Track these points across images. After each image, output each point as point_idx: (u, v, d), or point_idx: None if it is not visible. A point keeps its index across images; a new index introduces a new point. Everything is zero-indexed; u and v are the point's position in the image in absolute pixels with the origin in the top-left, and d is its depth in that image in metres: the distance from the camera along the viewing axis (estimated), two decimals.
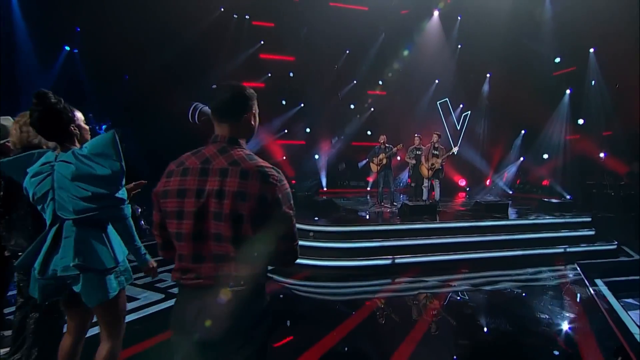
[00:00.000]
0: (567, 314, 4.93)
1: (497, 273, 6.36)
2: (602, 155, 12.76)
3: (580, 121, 13.86)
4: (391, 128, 17.04)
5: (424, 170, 9.39)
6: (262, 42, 15.78)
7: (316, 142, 16.76)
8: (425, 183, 9.53)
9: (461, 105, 16.49)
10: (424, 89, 17.03)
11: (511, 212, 8.54)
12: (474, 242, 6.87)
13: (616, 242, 7.40)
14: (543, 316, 4.82)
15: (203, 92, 14.73)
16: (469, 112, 15.99)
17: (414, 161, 9.75)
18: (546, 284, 6.02)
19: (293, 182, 15.69)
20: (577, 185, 12.94)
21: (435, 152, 9.33)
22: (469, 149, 15.56)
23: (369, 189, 16.40)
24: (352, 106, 17.44)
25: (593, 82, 13.24)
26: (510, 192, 14.35)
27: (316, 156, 16.66)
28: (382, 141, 9.82)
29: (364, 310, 4.95)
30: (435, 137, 9.42)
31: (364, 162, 17.54)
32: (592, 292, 5.54)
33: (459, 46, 16.11)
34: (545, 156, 15.02)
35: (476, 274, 6.32)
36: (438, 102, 16.48)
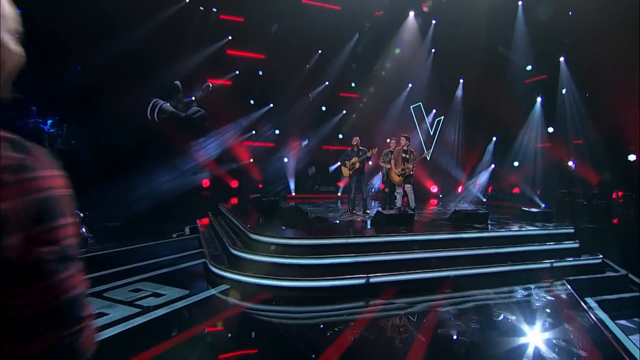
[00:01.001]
0: (570, 343, 4.11)
1: (484, 293, 5.50)
2: (570, 163, 12.34)
3: (550, 129, 13.47)
4: (364, 131, 16.26)
5: (394, 176, 8.53)
6: (230, 38, 14.59)
7: (285, 144, 15.69)
8: (399, 189, 8.67)
9: (434, 110, 15.87)
10: (397, 93, 16.32)
11: (491, 221, 7.77)
12: (456, 256, 5.99)
13: (601, 256, 6.73)
14: (544, 345, 3.99)
15: (164, 88, 13.43)
16: (443, 117, 15.37)
17: (388, 165, 8.86)
18: (539, 305, 5.20)
19: (260, 185, 14.57)
20: (550, 194, 12.52)
21: (406, 156, 8.49)
22: (441, 155, 14.96)
23: (339, 194, 15.47)
24: (323, 108, 16.49)
25: (564, 90, 12.85)
26: (484, 200, 13.77)
27: (285, 159, 15.59)
28: (355, 143, 8.89)
29: (333, 338, 3.94)
30: (404, 141, 8.58)
31: (335, 166, 16.64)
32: (592, 317, 4.77)
33: (433, 50, 15.51)
34: (516, 164, 14.60)
35: (461, 294, 5.43)
36: (412, 107, 15.79)
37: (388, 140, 9.16)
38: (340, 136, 16.97)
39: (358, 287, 5.20)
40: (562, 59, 12.91)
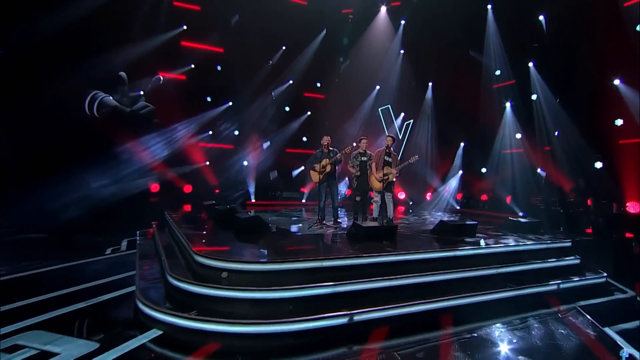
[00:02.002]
0: None
1: (492, 326, 4.31)
2: (539, 171, 11.69)
3: (518, 135, 12.84)
4: (329, 134, 14.98)
5: (375, 182, 7.27)
6: (185, 28, 12.87)
7: (245, 146, 14.11)
8: (376, 197, 7.42)
9: (402, 114, 14.91)
10: (365, 94, 15.23)
11: (479, 234, 6.68)
12: (455, 280, 4.79)
13: (605, 274, 5.80)
14: None
15: (106, 79, 11.47)
16: (412, 120, 14.42)
17: (357, 171, 7.59)
18: (564, 344, 4.07)
19: (216, 191, 12.89)
20: (520, 201, 11.84)
21: (388, 159, 7.27)
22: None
23: (304, 201, 14.08)
24: (287, 108, 15.08)
25: (534, 96, 12.25)
26: (458, 208, 12.88)
27: (244, 162, 14.01)
28: (325, 143, 7.56)
29: None
30: (389, 141, 7.38)
31: (299, 170, 15.28)
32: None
33: (402, 51, 14.57)
34: (484, 170, 13.90)
35: (467, 329, 4.21)
36: (380, 109, 14.74)
37: (354, 144, 7.87)
38: (304, 139, 15.62)
39: (338, 329, 3.83)
40: (531, 64, 12.31)
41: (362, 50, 14.31)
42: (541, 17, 11.76)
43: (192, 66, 13.27)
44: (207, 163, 13.40)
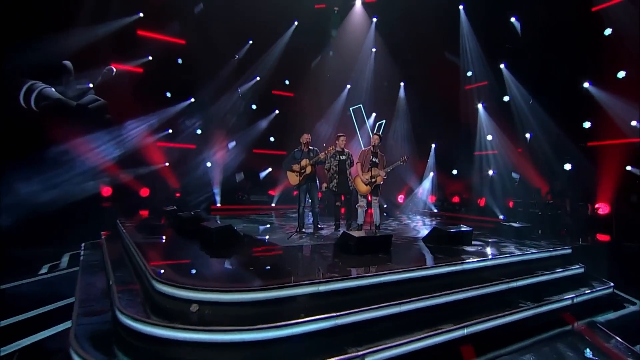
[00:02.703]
0: None
1: (520, 356, 3.58)
2: (513, 174, 11.41)
3: (489, 137, 12.56)
4: (298, 134, 14.04)
5: (361, 185, 6.44)
6: (142, 15, 11.46)
7: (209, 146, 12.86)
8: (362, 202, 6.59)
9: (374, 114, 14.25)
10: (337, 93, 14.43)
11: (475, 241, 6.03)
12: (467, 300, 4.03)
13: (612, 284, 5.30)
14: None
15: (47, 67, 9.88)
16: (384, 120, 13.78)
17: (335, 172, 6.76)
18: None
19: (177, 195, 11.56)
20: (499, 204, 11.52)
21: (375, 159, 6.47)
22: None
23: (273, 205, 13.05)
24: (253, 106, 13.95)
25: (507, 97, 11.98)
26: (436, 211, 12.35)
27: (208, 164, 12.75)
28: (304, 142, 6.63)
29: None
30: (375, 140, 6.58)
31: (266, 172, 14.22)
32: None
33: (373, 50, 13.92)
34: (455, 172, 13.55)
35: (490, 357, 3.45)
36: (351, 108, 13.99)
37: (341, 137, 7.01)
38: (272, 139, 14.57)
39: None
40: (502, 65, 12.03)
41: (335, 47, 13.50)
42: (513, 19, 11.54)
43: (150, 58, 11.87)
44: (167, 164, 12.03)
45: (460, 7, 12.52)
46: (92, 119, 10.09)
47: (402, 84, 14.20)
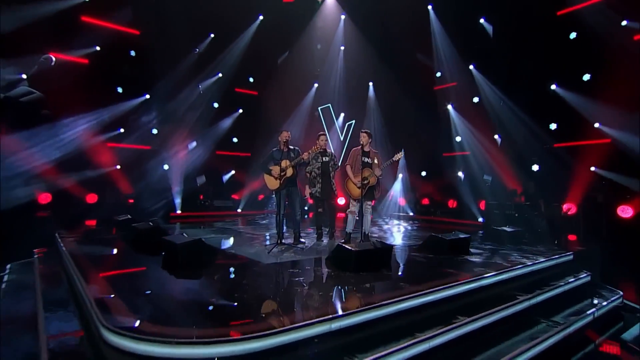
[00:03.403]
0: None
1: None
2: (485, 176, 11.18)
3: (458, 138, 12.32)
4: (262, 135, 13.14)
5: (353, 189, 5.66)
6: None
7: (166, 147, 11.52)
8: (353, 207, 5.80)
9: (342, 114, 13.58)
10: (304, 92, 13.60)
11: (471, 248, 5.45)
12: (495, 323, 3.36)
13: (621, 293, 4.91)
14: None
15: None
16: (354, 121, 13.14)
17: (317, 175, 5.96)
18: None
19: (130, 201, 10.17)
20: (466, 205, 11.24)
21: (367, 159, 5.72)
22: None
23: (239, 210, 11.94)
24: (215, 105, 12.75)
25: (476, 98, 11.78)
26: (412, 214, 11.84)
27: (165, 166, 11.41)
28: (284, 140, 5.73)
29: None
30: (364, 138, 5.83)
31: (229, 175, 13.08)
32: None
33: (342, 48, 13.25)
34: (424, 173, 13.20)
35: None
36: (319, 108, 13.21)
37: (321, 135, 6.19)
38: (235, 140, 13.44)
39: None
40: (471, 66, 11.81)
41: (303, 43, 12.66)
42: (482, 20, 11.35)
43: (98, 48, 10.37)
44: (118, 167, 10.57)
45: (429, 7, 12.16)
46: (24, 114, 8.49)
47: (370, 83, 13.65)
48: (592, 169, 9.47)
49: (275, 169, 5.56)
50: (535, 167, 10.41)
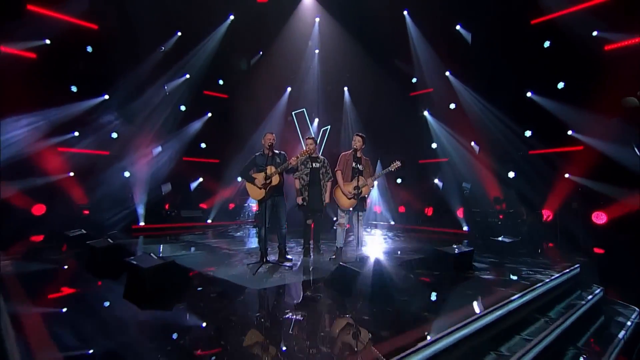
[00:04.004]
0: None
1: None
2: (464, 184, 10.97)
3: (434, 145, 12.11)
4: (233, 139, 12.29)
5: (343, 198, 5.04)
6: None
7: (127, 153, 10.39)
8: (342, 219, 5.18)
9: (316, 119, 13.00)
10: (277, 96, 12.89)
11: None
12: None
13: (637, 309, 4.57)
14: None
15: None
16: (329, 126, 12.58)
17: (305, 182, 5.33)
18: None
19: (85, 212, 8.99)
20: (444, 214, 10.97)
21: (357, 166, 5.13)
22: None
23: (209, 221, 10.97)
24: (182, 108, 11.76)
25: (453, 105, 11.60)
26: (392, 223, 11.36)
27: (126, 174, 10.29)
28: (268, 144, 5.02)
29: None
30: (357, 142, 5.24)
31: (197, 182, 12.10)
32: None
33: (317, 51, 12.71)
34: (399, 180, 12.87)
35: None
36: (293, 112, 12.55)
37: (309, 139, 5.56)
38: (203, 145, 12.48)
39: None
40: (448, 73, 11.65)
41: (277, 45, 11.97)
42: (458, 27, 11.21)
43: (48, 42, 9.18)
44: (72, 174, 9.35)
45: (405, 12, 11.90)
46: None
47: (345, 88, 13.18)
48: (566, 175, 9.46)
49: (259, 176, 4.84)
50: (511, 174, 10.31)
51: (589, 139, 9.05)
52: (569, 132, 9.48)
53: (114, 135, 10.32)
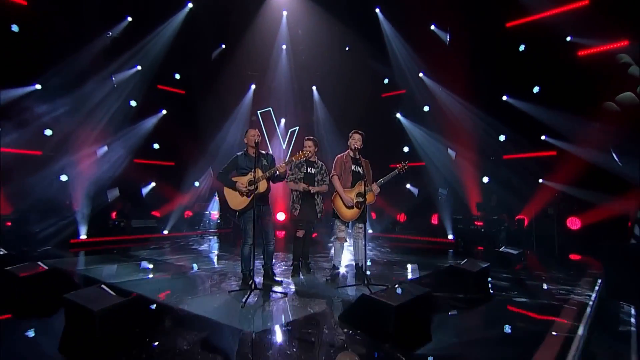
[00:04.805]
0: None
1: None
2: (440, 190, 10.64)
3: (406, 149, 11.75)
4: (191, 141, 11.10)
5: (344, 209, 4.27)
6: None
7: (65, 153, 8.88)
8: (341, 232, 4.40)
9: (283, 119, 12.14)
10: (241, 93, 11.88)
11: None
12: None
13: None
14: None
15: None
16: (297, 127, 11.76)
17: (302, 188, 4.54)
18: None
19: (8, 224, 7.45)
20: (417, 220, 10.58)
21: (358, 169, 4.41)
22: None
23: (166, 232, 9.70)
24: (133, 103, 10.38)
25: (427, 107, 11.29)
26: (370, 231, 10.70)
27: (63, 177, 8.77)
28: (252, 143, 4.12)
29: None
30: (357, 141, 4.52)
31: (149, 187, 10.79)
32: None
33: (284, 46, 11.88)
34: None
35: None
36: (259, 112, 11.60)
37: (309, 140, 4.75)
38: (157, 146, 11.15)
39: None
40: (421, 74, 11.33)
41: (242, 38, 10.98)
42: (433, 27, 10.94)
43: None
44: None
45: (377, 10, 11.46)
46: None
47: (314, 88, 12.47)
48: (540, 181, 9.42)
49: (241, 180, 3.94)
50: (485, 179, 10.14)
51: (563, 143, 9.06)
52: (543, 137, 9.45)
53: (48, 132, 8.78)
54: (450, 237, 9.08)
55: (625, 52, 8.38)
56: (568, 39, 9.04)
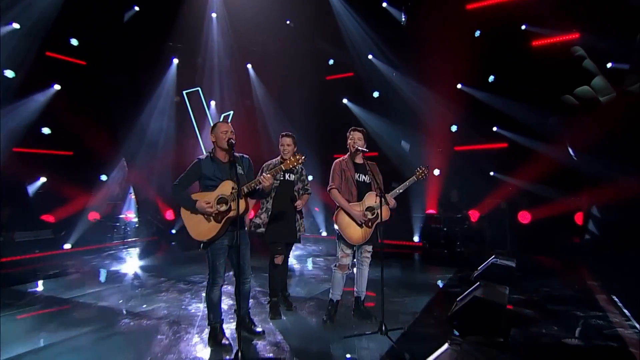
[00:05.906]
0: None
1: None
2: (403, 143, 10.09)
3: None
4: (97, 124, 9.00)
5: (352, 228, 3.27)
6: None
7: None
8: (345, 258, 3.32)
9: (213, 102, 10.53)
10: (160, 69, 9.98)
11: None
12: None
13: None
14: None
15: None
16: (232, 112, 10.26)
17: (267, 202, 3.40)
18: None
19: None
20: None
21: (364, 177, 3.41)
22: None
23: (69, 246, 7.69)
24: (9, 74, 7.97)
25: (376, 93, 10.57)
26: (324, 234, 9.69)
27: None
28: (224, 143, 2.83)
29: None
30: (358, 140, 3.50)
31: (38, 183, 8.66)
32: None
33: (214, 15, 10.19)
34: (310, 177, 11.44)
35: None
36: (184, 92, 9.86)
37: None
38: (47, 131, 8.89)
39: None
40: (370, 56, 10.55)
41: (161, 2, 9.08)
42: (385, 4, 10.15)
43: None
44: None
45: None
46: None
47: (249, 66, 11.01)
48: (492, 173, 9.32)
49: (207, 197, 2.67)
50: (436, 172, 9.80)
51: (517, 136, 8.97)
52: (494, 129, 9.31)
53: None
54: (416, 239, 8.54)
55: (577, 45, 8.40)
56: (523, 27, 8.88)
